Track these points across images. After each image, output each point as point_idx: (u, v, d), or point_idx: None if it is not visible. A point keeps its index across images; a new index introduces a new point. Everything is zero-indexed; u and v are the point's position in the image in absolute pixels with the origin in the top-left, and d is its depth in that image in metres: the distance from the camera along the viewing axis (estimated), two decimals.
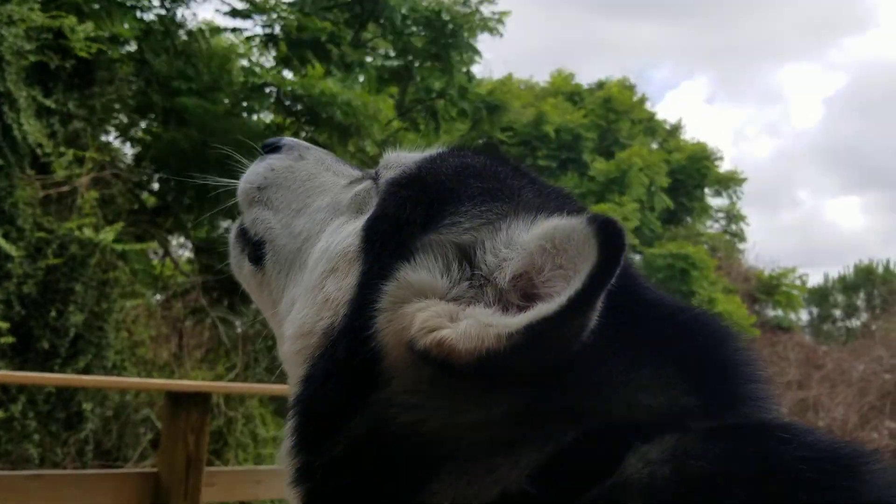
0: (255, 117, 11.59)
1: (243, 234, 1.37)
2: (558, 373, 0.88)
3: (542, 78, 26.67)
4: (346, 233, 1.15)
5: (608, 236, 0.80)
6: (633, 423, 0.86)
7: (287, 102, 11.55)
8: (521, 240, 0.92)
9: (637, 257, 21.12)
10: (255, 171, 1.39)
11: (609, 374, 0.90)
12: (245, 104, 11.36)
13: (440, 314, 0.90)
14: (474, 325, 0.86)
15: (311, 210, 1.28)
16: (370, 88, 12.60)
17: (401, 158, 1.23)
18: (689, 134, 31.69)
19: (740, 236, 26.86)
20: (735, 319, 19.18)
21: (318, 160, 1.40)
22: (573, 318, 0.82)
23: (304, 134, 11.90)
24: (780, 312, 23.40)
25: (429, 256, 0.98)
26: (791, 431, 0.85)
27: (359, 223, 1.14)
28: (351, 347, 0.98)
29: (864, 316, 29.39)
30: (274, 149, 1.43)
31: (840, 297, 30.55)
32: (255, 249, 1.33)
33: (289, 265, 1.25)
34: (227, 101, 10.97)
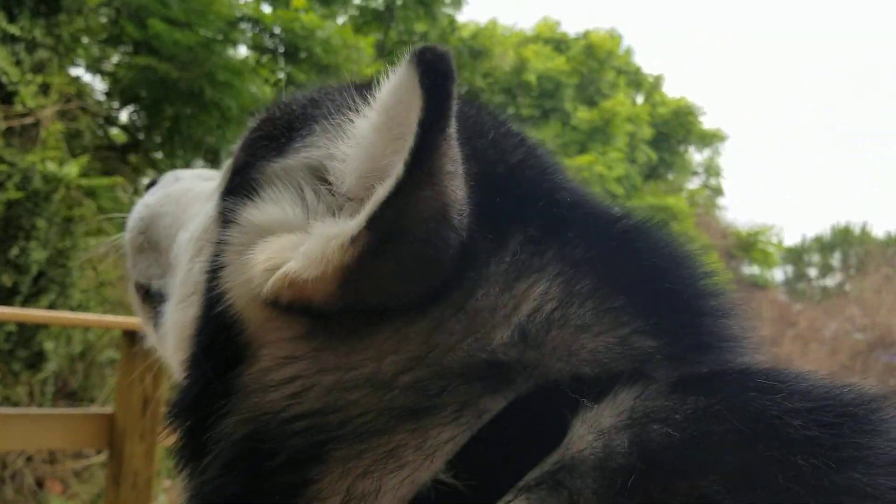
0: (230, 51, 11.18)
1: (140, 290, 1.19)
2: (454, 296, 0.67)
3: (527, 25, 26.18)
4: (206, 209, 0.97)
5: (427, 65, 0.61)
6: (576, 378, 0.66)
7: (265, 37, 11.17)
8: (359, 129, 0.72)
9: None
10: (131, 218, 1.22)
11: (538, 311, 0.69)
12: (221, 38, 10.95)
13: (284, 247, 0.71)
14: (316, 243, 0.67)
15: (188, 221, 1.10)
16: (352, 28, 12.23)
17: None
18: (673, 86, 31.21)
19: (719, 191, 26.94)
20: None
21: (196, 175, 1.25)
22: (420, 190, 0.62)
23: (280, 72, 11.56)
24: (756, 270, 23.55)
25: (275, 188, 0.79)
26: (778, 378, 0.65)
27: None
28: (208, 326, 0.76)
29: (839, 276, 29.74)
30: (152, 185, 1.29)
31: (816, 257, 30.81)
32: (154, 300, 1.13)
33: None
34: (203, 32, 10.55)
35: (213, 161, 11.64)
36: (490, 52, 15.63)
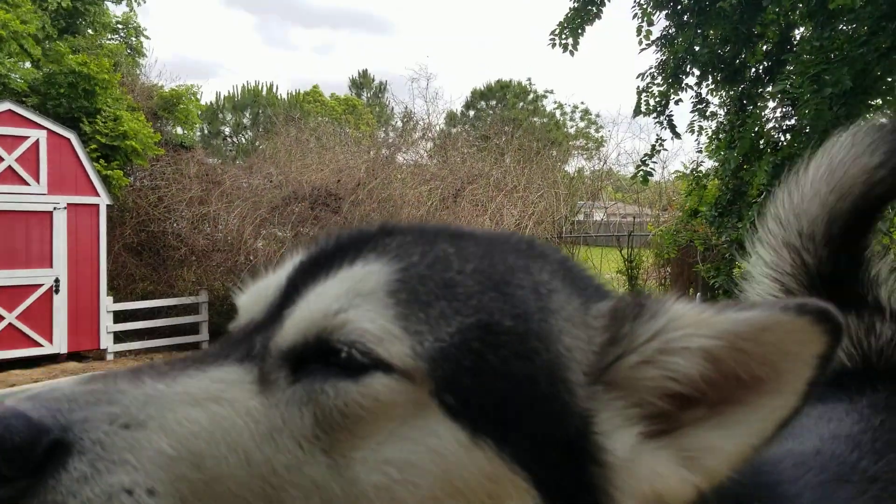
0: None
1: None
2: None
3: None
4: (444, 450, 0.83)
5: (832, 323, 0.80)
6: None
7: None
8: (694, 344, 0.85)
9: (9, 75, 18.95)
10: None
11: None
12: None
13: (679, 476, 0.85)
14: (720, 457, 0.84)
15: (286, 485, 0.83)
16: None
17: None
18: None
19: (140, 51, 26.20)
20: (142, 138, 19.03)
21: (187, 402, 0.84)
22: (802, 408, 0.82)
23: None
24: (179, 129, 23.93)
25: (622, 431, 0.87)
26: None
27: (442, 426, 0.83)
28: None
29: (250, 134, 31.85)
30: (43, 461, 0.75)
31: (229, 116, 32.53)
32: None
33: None
34: None
35: None
36: None
